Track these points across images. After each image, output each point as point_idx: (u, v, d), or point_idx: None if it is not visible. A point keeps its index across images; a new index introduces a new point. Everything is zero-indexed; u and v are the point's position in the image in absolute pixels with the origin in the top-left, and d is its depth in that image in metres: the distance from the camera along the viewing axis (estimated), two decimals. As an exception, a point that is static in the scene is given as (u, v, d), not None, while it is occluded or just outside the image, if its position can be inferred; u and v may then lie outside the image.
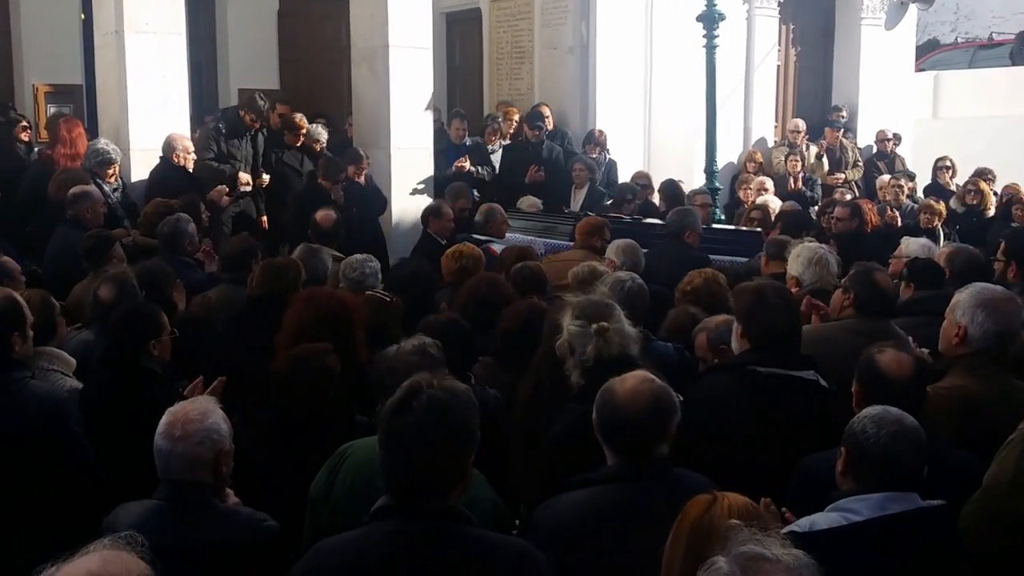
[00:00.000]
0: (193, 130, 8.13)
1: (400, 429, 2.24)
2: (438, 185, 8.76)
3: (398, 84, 8.46)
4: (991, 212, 9.07)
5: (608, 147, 9.98)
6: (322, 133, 8.63)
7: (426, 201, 8.37)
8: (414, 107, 8.61)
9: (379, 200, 8.19)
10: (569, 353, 3.31)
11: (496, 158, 9.39)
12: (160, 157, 7.38)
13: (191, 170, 7.43)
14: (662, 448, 2.64)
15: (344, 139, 9.20)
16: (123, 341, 3.85)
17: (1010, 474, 2.54)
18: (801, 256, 4.69)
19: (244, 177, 7.81)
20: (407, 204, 8.55)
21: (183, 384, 3.83)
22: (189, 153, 7.40)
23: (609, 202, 8.71)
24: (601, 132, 9.92)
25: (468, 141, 9.21)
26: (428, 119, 8.79)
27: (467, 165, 8.88)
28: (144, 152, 7.50)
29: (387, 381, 2.93)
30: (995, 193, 10.03)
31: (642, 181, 9.43)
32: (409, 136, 8.59)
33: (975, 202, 9.06)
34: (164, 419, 2.84)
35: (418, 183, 8.66)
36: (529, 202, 8.36)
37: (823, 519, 2.50)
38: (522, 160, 9.09)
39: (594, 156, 9.68)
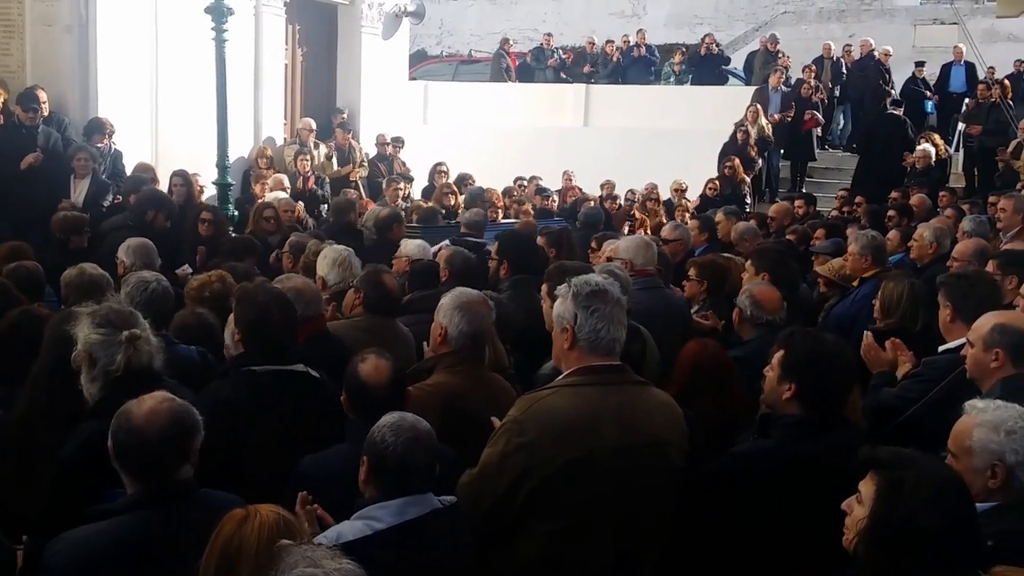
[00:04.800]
0: None
1: None
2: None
3: None
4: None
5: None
6: None
7: None
8: None
9: None
10: (89, 365, 3.09)
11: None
12: None
13: None
14: (185, 469, 2.54)
15: None
16: None
17: (498, 456, 2.86)
18: (327, 257, 4.90)
19: None
20: None
21: None
22: None
23: None
24: (110, 123, 9.49)
25: (-57, 123, 8.16)
26: None
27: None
28: None
29: None
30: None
31: (147, 174, 9.15)
32: None
33: (451, 203, 10.27)
34: None
35: None
36: None
37: (349, 529, 2.58)
38: (15, 145, 8.31)
39: (100, 146, 9.20)
